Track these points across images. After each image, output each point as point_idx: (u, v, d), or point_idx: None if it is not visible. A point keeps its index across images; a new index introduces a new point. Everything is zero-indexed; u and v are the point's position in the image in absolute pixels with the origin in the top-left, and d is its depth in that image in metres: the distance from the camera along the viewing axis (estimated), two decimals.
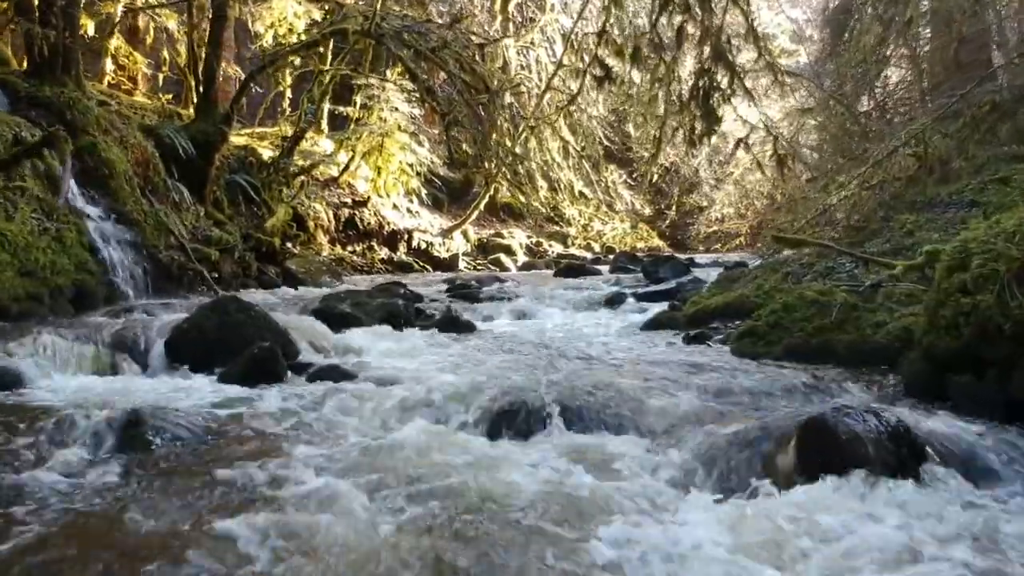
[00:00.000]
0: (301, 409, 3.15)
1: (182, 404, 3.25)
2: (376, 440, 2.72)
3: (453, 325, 5.76)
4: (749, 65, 7.16)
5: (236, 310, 4.52)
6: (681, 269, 8.80)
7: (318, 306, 6.02)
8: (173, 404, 3.23)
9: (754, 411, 2.93)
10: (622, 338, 5.32)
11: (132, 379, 3.96)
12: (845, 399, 3.08)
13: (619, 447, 2.57)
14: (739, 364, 4.02)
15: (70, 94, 7.32)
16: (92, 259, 6.00)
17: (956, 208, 5.90)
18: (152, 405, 3.02)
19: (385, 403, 3.19)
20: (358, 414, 3.05)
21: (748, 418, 2.76)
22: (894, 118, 12.75)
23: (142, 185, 7.59)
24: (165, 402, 3.29)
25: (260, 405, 3.26)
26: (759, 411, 2.91)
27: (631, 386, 3.22)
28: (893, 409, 2.84)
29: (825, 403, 3.04)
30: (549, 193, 16.20)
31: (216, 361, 4.16)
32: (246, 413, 3.09)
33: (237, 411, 3.14)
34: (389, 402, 3.19)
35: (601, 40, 7.35)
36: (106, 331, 4.65)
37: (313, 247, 11.42)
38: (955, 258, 3.23)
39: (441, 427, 2.94)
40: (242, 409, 3.18)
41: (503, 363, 4.10)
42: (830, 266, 5.65)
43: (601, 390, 3.15)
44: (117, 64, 11.14)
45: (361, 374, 3.92)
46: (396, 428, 2.86)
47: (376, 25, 9.36)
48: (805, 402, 3.09)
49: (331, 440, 2.76)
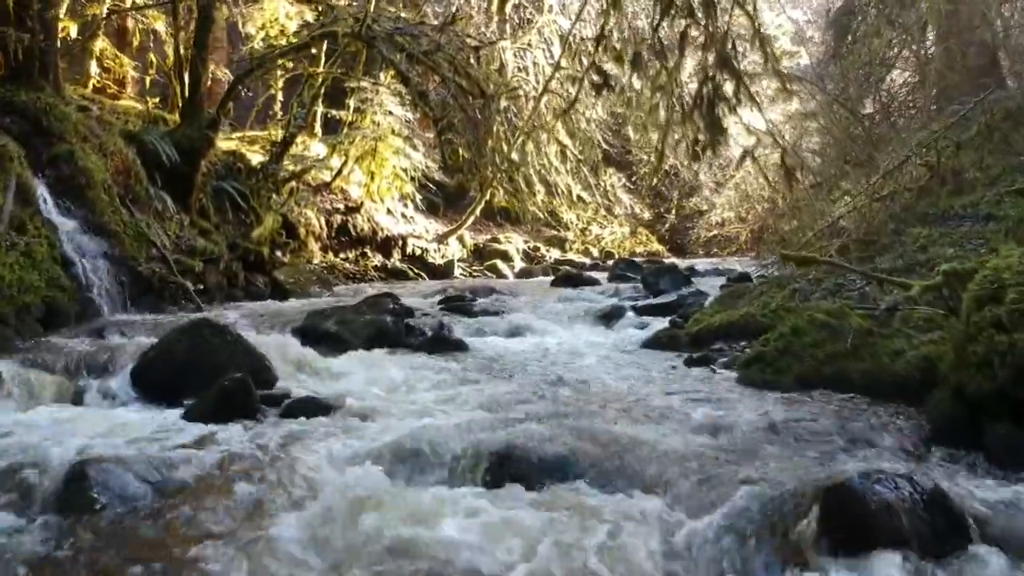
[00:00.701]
0: (269, 456, 2.86)
1: (139, 446, 2.97)
2: (349, 498, 2.43)
3: (444, 345, 5.48)
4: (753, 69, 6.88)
5: (210, 334, 4.23)
6: (682, 280, 8.52)
7: (302, 324, 5.74)
8: (130, 446, 2.95)
9: (769, 461, 2.64)
10: (622, 360, 5.04)
11: (92, 412, 3.67)
12: (867, 449, 2.80)
13: (624, 507, 2.27)
14: (747, 395, 3.74)
15: (47, 100, 7.03)
16: (64, 274, 5.72)
17: (971, 222, 5.63)
18: (101, 453, 2.73)
19: (363, 446, 2.91)
20: (331, 463, 2.76)
21: (762, 471, 2.47)
22: (898, 121, 12.50)
23: (122, 194, 7.30)
24: (122, 442, 3.01)
25: (225, 449, 2.97)
26: (775, 462, 2.63)
27: (634, 429, 2.94)
28: (927, 468, 2.58)
29: (846, 452, 2.77)
30: (547, 197, 15.91)
31: (187, 390, 3.88)
32: (208, 461, 2.80)
33: (199, 457, 2.85)
34: (367, 445, 2.91)
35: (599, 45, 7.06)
36: (72, 355, 4.38)
37: (304, 254, 11.13)
38: (986, 288, 2.95)
39: (425, 478, 2.66)
40: (204, 454, 2.89)
41: (495, 394, 3.81)
42: (840, 283, 5.37)
43: (603, 432, 2.87)
44: (102, 67, 10.84)
45: (341, 407, 3.64)
46: (372, 481, 2.57)
47: (367, 28, 9.08)
48: (823, 449, 2.81)
49: (297, 500, 2.47)
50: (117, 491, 2.47)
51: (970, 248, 5.19)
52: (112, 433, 3.21)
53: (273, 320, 6.34)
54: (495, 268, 14.44)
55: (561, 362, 4.93)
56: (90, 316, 5.80)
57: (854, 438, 2.93)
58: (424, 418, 3.28)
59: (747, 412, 3.34)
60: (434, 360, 5.03)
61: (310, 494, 2.52)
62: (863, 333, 3.98)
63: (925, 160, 6.04)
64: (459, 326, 6.53)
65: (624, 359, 5.10)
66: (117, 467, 2.57)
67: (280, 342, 4.90)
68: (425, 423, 3.18)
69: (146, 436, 3.18)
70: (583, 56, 11.94)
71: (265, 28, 12.53)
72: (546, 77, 13.88)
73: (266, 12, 12.37)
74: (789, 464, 2.61)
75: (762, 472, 2.45)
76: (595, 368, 4.65)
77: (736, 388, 3.94)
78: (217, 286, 8.01)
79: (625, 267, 11.88)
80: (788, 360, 4.05)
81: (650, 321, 6.86)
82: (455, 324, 6.60)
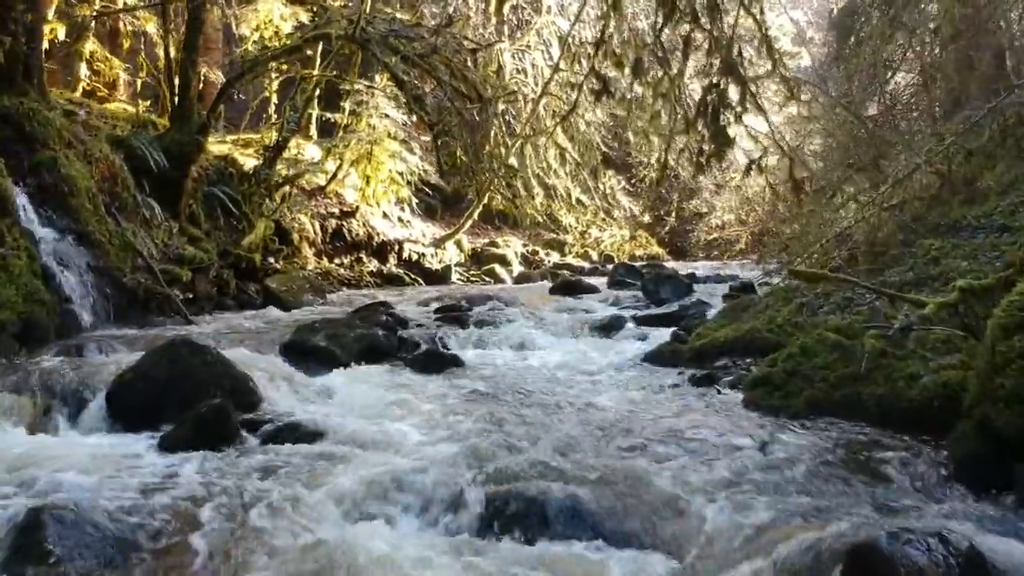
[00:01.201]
0: (245, 497, 2.65)
1: (107, 485, 2.77)
2: (326, 550, 2.23)
3: (438, 361, 5.28)
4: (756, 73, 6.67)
5: (189, 354, 4.03)
6: (683, 289, 8.31)
7: (290, 339, 5.53)
8: (96, 486, 2.75)
9: (786, 507, 2.44)
10: (624, 378, 4.84)
11: (61, 440, 3.47)
12: (887, 488, 2.60)
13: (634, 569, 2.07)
14: (755, 422, 3.55)
15: (30, 105, 6.82)
16: (44, 287, 5.50)
17: (985, 233, 5.42)
18: (61, 497, 2.53)
19: (343, 486, 2.71)
20: (309, 506, 2.55)
21: (780, 520, 2.27)
22: (901, 124, 12.29)
23: (108, 202, 7.09)
24: (88, 480, 2.81)
25: (199, 487, 2.77)
26: (792, 508, 2.43)
27: (640, 466, 2.74)
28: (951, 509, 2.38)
29: (866, 493, 2.57)
30: (545, 200, 15.71)
31: (165, 415, 3.69)
32: (179, 504, 2.60)
33: (169, 498, 2.65)
34: (348, 484, 2.71)
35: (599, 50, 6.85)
36: (45, 375, 4.17)
37: (298, 260, 10.91)
38: (1013, 316, 2.76)
39: (410, 525, 2.46)
40: (176, 494, 2.69)
41: (489, 420, 3.61)
42: (848, 297, 5.18)
43: (608, 471, 2.65)
44: (92, 70, 10.63)
45: (325, 434, 3.44)
46: (350, 533, 2.37)
47: (361, 30, 8.88)
48: (841, 489, 2.61)
49: (272, 550, 2.27)
50: (75, 542, 2.27)
51: (984, 261, 4.99)
52: (79, 467, 3.00)
53: (262, 333, 6.14)
54: (493, 273, 14.23)
55: (561, 381, 4.72)
56: (71, 331, 5.60)
57: (872, 474, 2.74)
58: (411, 451, 3.09)
59: (756, 441, 3.14)
60: (427, 379, 4.83)
61: (286, 543, 2.32)
62: (876, 354, 3.78)
63: (936, 168, 5.83)
64: (454, 339, 6.34)
65: (626, 377, 4.90)
66: (77, 515, 2.37)
67: (265, 360, 4.70)
68: (412, 458, 2.98)
69: (116, 471, 2.97)
70: (583, 59, 11.74)
71: (259, 29, 12.31)
72: (545, 79, 13.68)
73: (260, 13, 12.14)
74: (808, 508, 2.41)
75: (780, 521, 2.26)
76: (596, 388, 4.46)
77: (743, 413, 3.74)
78: (206, 295, 7.81)
79: (625, 272, 11.68)
80: (797, 383, 3.85)
81: (651, 332, 6.67)
82: (450, 336, 6.41)
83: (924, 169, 5.92)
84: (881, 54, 11.37)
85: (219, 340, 5.71)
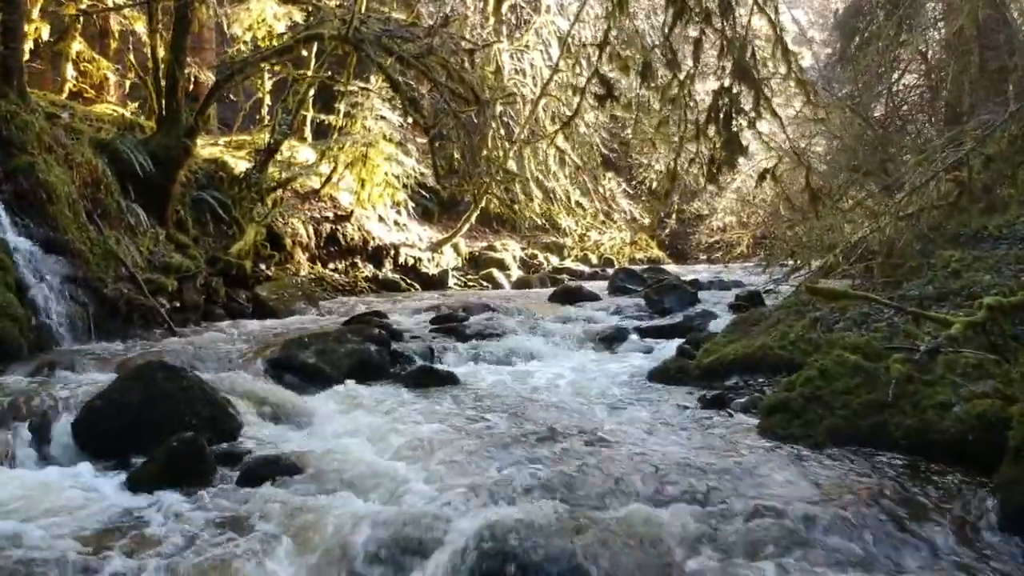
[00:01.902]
0: (213, 552, 2.38)
1: (63, 534, 2.50)
2: None
3: (432, 378, 5.02)
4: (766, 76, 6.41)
5: (163, 379, 3.75)
6: (688, 299, 8.04)
7: (277, 355, 5.27)
8: (49, 535, 2.48)
9: (816, 565, 2.17)
10: (629, 398, 4.57)
11: (18, 475, 3.18)
12: (928, 537, 2.33)
13: None
14: (773, 453, 3.28)
15: (8, 107, 6.53)
16: (18, 301, 5.23)
17: (1008, 244, 5.16)
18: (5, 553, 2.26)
19: (322, 537, 2.44)
20: (283, 564, 2.28)
21: None
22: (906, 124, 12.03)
23: (90, 209, 6.81)
24: (42, 529, 2.53)
25: (165, 537, 2.49)
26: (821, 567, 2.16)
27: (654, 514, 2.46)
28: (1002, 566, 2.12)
29: (905, 548, 2.30)
30: (544, 203, 15.43)
31: (138, 445, 3.43)
32: (138, 562, 2.32)
33: (128, 554, 2.37)
34: (325, 538, 2.44)
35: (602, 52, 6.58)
36: (9, 399, 3.88)
37: (291, 266, 10.64)
38: None
39: None
40: (136, 549, 2.41)
41: (486, 452, 3.33)
42: (866, 312, 4.91)
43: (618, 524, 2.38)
44: (79, 70, 10.34)
45: (307, 468, 3.17)
46: None
47: (354, 30, 8.61)
48: (874, 538, 2.34)
49: None
50: None
51: (1009, 275, 4.73)
52: (34, 510, 2.74)
53: (248, 346, 5.86)
54: (491, 277, 13.96)
55: (562, 402, 4.45)
56: (46, 347, 5.32)
57: (909, 519, 2.47)
58: (400, 493, 2.81)
59: (779, 481, 2.87)
60: (420, 398, 4.56)
61: None
62: (903, 380, 3.51)
63: (954, 175, 5.57)
64: (450, 352, 6.08)
65: (631, 396, 4.63)
66: None
67: (248, 381, 4.43)
68: (398, 503, 2.72)
69: (76, 516, 2.70)
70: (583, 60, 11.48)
71: (252, 29, 12.03)
72: (544, 79, 13.41)
73: (253, 13, 11.86)
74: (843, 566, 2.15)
75: None
76: (599, 413, 4.18)
77: (760, 442, 3.47)
78: (194, 305, 7.52)
79: (626, 278, 11.42)
80: (817, 410, 3.58)
81: (655, 345, 6.42)
82: (446, 349, 6.15)
83: (941, 176, 5.66)
84: (887, 55, 11.14)
85: (202, 356, 5.45)
